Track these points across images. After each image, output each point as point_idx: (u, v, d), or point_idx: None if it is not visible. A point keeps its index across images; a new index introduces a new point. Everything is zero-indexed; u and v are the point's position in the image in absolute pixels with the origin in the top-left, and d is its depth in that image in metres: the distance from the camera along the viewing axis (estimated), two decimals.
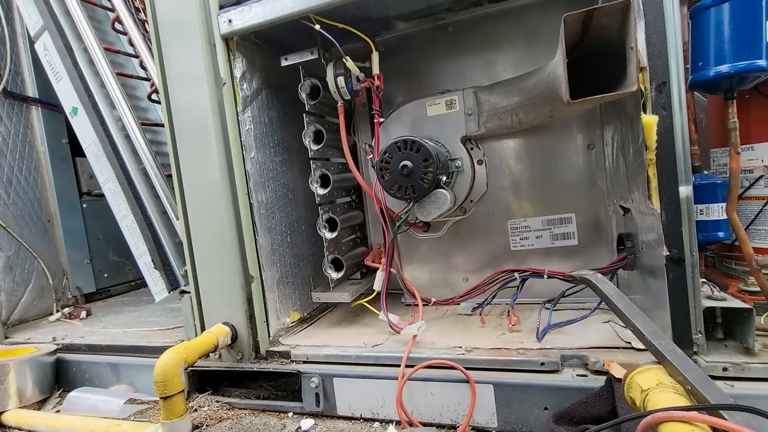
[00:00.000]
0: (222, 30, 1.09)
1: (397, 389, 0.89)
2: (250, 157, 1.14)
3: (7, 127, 1.83)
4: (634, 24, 0.74)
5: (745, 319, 0.78)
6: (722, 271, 1.06)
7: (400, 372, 0.91)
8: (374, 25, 1.20)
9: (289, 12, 1.02)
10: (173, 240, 1.56)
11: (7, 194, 1.80)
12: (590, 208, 1.17)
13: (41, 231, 1.92)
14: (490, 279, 1.07)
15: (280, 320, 1.22)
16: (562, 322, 1.02)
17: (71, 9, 1.56)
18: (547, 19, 1.13)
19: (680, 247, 0.78)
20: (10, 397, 1.23)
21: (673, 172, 0.78)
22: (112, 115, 1.56)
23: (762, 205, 0.96)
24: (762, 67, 0.82)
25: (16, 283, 1.80)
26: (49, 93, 1.82)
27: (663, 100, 0.77)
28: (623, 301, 0.78)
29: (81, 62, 1.56)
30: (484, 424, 0.88)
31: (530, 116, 1.01)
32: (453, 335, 1.05)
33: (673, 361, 0.66)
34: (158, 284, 1.53)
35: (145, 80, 1.76)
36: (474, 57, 1.22)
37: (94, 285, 2.12)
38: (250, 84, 1.17)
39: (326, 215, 1.19)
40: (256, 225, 1.14)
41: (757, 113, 0.95)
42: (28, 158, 1.90)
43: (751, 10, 0.82)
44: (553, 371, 0.86)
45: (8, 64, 1.84)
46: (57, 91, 1.65)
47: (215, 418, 1.03)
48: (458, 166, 1.11)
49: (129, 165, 1.55)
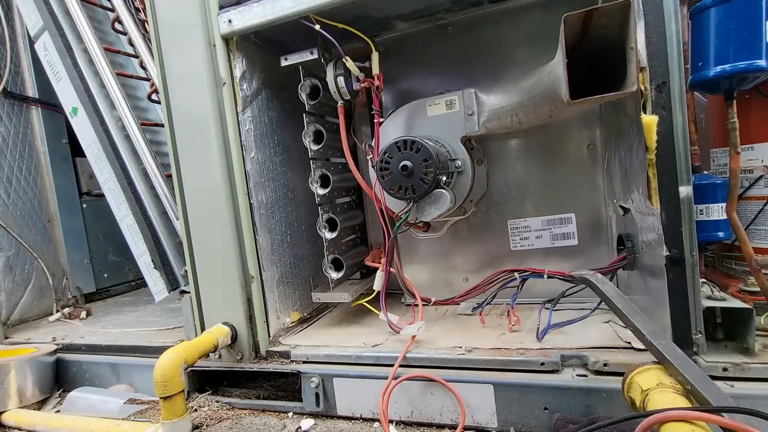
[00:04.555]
0: (222, 30, 1.09)
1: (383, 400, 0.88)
2: (250, 157, 1.14)
3: (7, 127, 1.83)
4: (634, 24, 0.74)
5: (745, 319, 0.78)
6: (722, 271, 1.06)
7: (389, 379, 0.91)
8: (374, 25, 1.20)
9: (289, 12, 1.02)
10: (173, 240, 1.56)
11: (7, 194, 1.80)
12: (590, 208, 1.17)
13: (41, 231, 1.92)
14: (490, 279, 1.07)
15: (280, 320, 1.22)
16: (562, 322, 1.02)
17: (71, 9, 1.56)
18: (547, 19, 1.13)
19: (680, 247, 0.78)
20: (10, 397, 1.23)
21: (673, 172, 0.78)
22: (112, 115, 1.56)
23: (762, 205, 0.96)
24: (762, 67, 0.81)
25: (16, 283, 1.80)
26: (49, 93, 1.82)
27: (663, 100, 0.77)
28: (623, 301, 0.78)
29: (81, 62, 1.56)
30: (484, 424, 0.88)
31: (530, 116, 1.01)
32: (453, 335, 1.05)
33: (673, 361, 0.66)
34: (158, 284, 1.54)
35: (145, 80, 1.76)
36: (474, 57, 1.22)
37: (94, 285, 2.12)
38: (250, 84, 1.17)
39: (326, 215, 1.19)
40: (256, 225, 1.14)
41: (757, 113, 0.95)
42: (28, 158, 1.90)
43: (751, 10, 0.82)
44: (553, 371, 0.86)
45: (8, 64, 1.84)
46: (57, 91, 1.65)
47: (215, 418, 1.03)
48: (458, 166, 1.11)
49: (129, 165, 1.55)
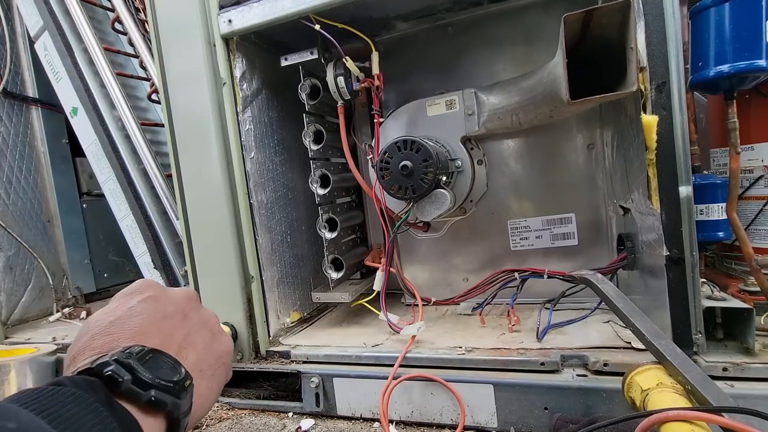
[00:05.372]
0: (222, 30, 1.09)
1: (383, 400, 0.88)
2: (250, 157, 1.14)
3: (7, 127, 1.83)
4: (634, 24, 0.74)
5: (745, 319, 0.78)
6: (722, 271, 1.06)
7: (389, 379, 0.91)
8: (374, 25, 1.20)
9: (289, 12, 1.02)
10: (173, 240, 1.56)
11: (7, 194, 1.80)
12: (590, 208, 1.17)
13: (41, 231, 1.92)
14: (490, 279, 1.07)
15: (280, 320, 1.22)
16: (562, 322, 1.02)
17: (71, 9, 1.57)
18: (547, 19, 1.13)
19: (680, 247, 0.78)
20: None
21: (673, 172, 0.78)
22: (112, 115, 1.57)
23: (762, 205, 0.96)
24: (762, 67, 0.81)
25: (16, 283, 1.80)
26: (49, 93, 1.82)
27: (663, 100, 0.77)
28: (623, 301, 0.78)
29: (81, 62, 1.56)
30: (484, 424, 0.88)
31: (530, 116, 1.01)
32: (453, 335, 1.05)
33: (673, 361, 0.66)
34: None
35: (145, 80, 1.75)
36: (474, 57, 1.22)
37: (94, 285, 2.11)
38: (250, 84, 1.17)
39: (326, 215, 1.19)
40: (256, 225, 1.14)
41: (757, 113, 0.95)
42: (28, 158, 1.90)
43: (751, 10, 0.82)
44: (553, 371, 0.86)
45: (8, 64, 1.84)
46: (57, 91, 1.65)
47: (215, 418, 1.03)
48: (458, 166, 1.11)
49: (129, 165, 1.55)
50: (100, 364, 0.35)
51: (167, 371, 0.38)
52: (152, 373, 0.36)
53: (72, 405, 0.30)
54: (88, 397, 0.31)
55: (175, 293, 0.49)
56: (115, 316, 0.42)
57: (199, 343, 0.46)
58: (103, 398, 0.33)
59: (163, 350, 0.40)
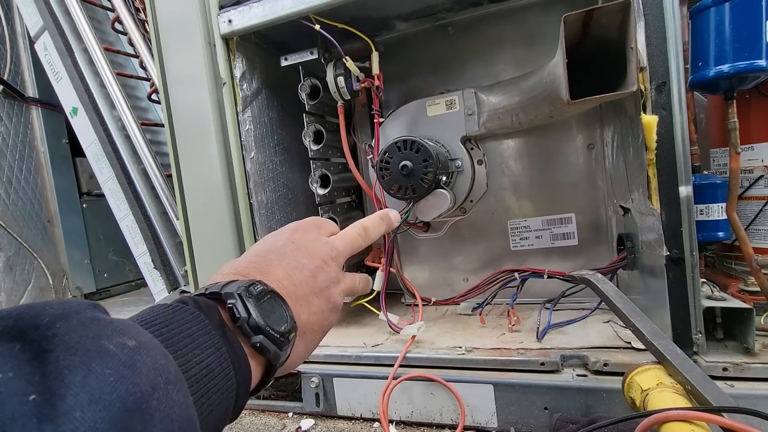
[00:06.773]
0: (222, 30, 1.09)
1: (383, 400, 0.88)
2: (250, 157, 1.14)
3: (7, 127, 1.83)
4: (634, 24, 0.74)
5: (745, 319, 0.78)
6: (722, 271, 1.06)
7: (389, 380, 0.91)
8: (374, 25, 1.20)
9: (289, 12, 1.02)
10: (173, 240, 1.56)
11: (7, 194, 1.80)
12: (590, 208, 1.17)
13: (41, 231, 1.92)
14: (490, 279, 1.07)
15: None
16: (562, 322, 1.02)
17: (71, 9, 1.57)
18: (547, 19, 1.13)
19: (680, 247, 0.78)
20: None
21: (673, 172, 0.78)
22: (112, 115, 1.57)
23: (762, 205, 0.96)
24: (762, 67, 0.81)
25: (16, 283, 1.80)
26: (49, 93, 1.82)
27: (663, 100, 0.77)
28: (623, 301, 0.78)
29: (81, 62, 1.57)
30: (484, 424, 0.88)
31: (530, 116, 1.01)
32: (453, 335, 1.05)
33: (673, 361, 0.66)
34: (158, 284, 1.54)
35: (145, 80, 1.76)
36: (474, 57, 1.22)
37: (94, 285, 2.12)
38: (250, 84, 1.17)
39: (326, 215, 1.19)
40: (256, 225, 1.14)
41: (757, 113, 0.95)
42: (28, 158, 1.90)
43: (751, 10, 0.82)
44: (553, 371, 0.86)
45: (8, 64, 1.84)
46: (57, 91, 1.65)
47: None
48: (458, 166, 1.11)
49: (129, 165, 1.56)
50: (227, 293, 0.38)
51: (277, 319, 0.40)
52: (264, 320, 0.38)
53: (190, 324, 0.33)
54: (204, 318, 0.35)
55: (324, 251, 0.52)
56: (265, 247, 0.48)
57: (314, 306, 0.47)
58: (218, 323, 0.36)
59: (282, 295, 0.42)
